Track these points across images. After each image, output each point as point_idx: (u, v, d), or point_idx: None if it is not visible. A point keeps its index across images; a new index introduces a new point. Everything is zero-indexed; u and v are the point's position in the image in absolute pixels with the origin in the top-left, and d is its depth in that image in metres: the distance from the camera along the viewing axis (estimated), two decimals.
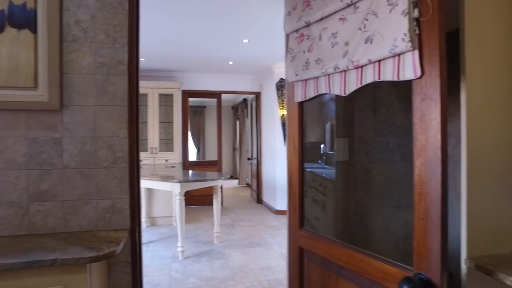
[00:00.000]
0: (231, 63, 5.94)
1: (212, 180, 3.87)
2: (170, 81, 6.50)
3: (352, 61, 1.29)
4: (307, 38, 1.62)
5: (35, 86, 1.61)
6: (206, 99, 10.33)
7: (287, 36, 1.80)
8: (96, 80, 1.68)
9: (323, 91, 1.51)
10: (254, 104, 7.67)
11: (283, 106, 5.95)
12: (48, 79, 1.60)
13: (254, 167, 7.60)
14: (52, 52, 1.62)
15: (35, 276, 1.29)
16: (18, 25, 1.62)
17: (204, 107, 11.47)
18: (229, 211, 6.51)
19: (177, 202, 3.79)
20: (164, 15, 3.80)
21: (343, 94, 1.39)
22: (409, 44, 1.04)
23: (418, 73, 1.05)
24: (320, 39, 1.52)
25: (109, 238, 1.53)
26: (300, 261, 1.70)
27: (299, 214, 1.71)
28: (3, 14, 1.62)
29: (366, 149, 1.91)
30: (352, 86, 1.34)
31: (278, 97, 6.02)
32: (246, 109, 9.87)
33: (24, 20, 1.63)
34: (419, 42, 1.05)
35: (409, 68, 1.07)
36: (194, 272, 3.50)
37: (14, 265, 1.25)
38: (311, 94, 1.60)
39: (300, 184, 1.72)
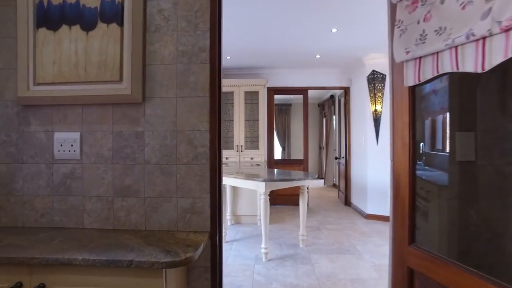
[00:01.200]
0: (318, 56, 5.62)
1: (299, 180, 3.64)
2: (255, 78, 6.46)
3: (499, 22, 0.92)
4: (422, 4, 1.27)
5: (120, 79, 1.57)
6: (292, 96, 10.15)
7: (394, 6, 1.46)
8: (177, 70, 1.58)
9: (447, 69, 1.15)
10: (342, 100, 7.20)
11: (375, 100, 5.41)
12: (131, 72, 1.56)
13: (342, 167, 7.13)
14: (135, 43, 1.57)
15: (112, 275, 1.22)
16: (108, 20, 1.61)
17: (290, 105, 11.30)
18: (315, 212, 6.20)
19: (262, 202, 3.66)
20: (249, 7, 3.68)
21: (480, 70, 1.02)
22: None
23: None
24: (442, 2, 1.17)
25: (188, 241, 1.40)
26: (409, 285, 1.36)
27: (409, 226, 1.37)
28: (96, 11, 1.63)
29: (502, 146, 1.45)
30: (497, 57, 0.96)
31: (370, 91, 5.49)
32: (333, 105, 9.39)
33: (113, 14, 1.61)
34: None
35: None
36: (277, 277, 3.31)
37: (95, 262, 1.20)
38: (428, 74, 1.25)
39: (411, 188, 1.38)
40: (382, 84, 5.39)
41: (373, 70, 5.42)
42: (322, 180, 10.05)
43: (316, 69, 6.64)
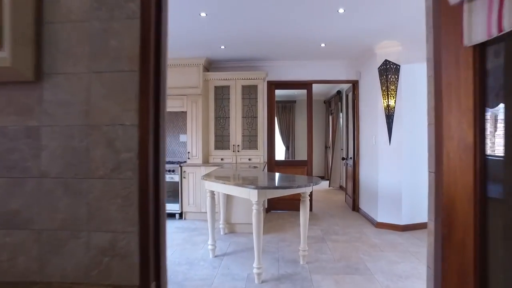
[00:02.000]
0: (323, 45, 5.01)
1: (298, 187, 3.05)
2: (254, 71, 5.88)
3: None
4: None
5: None
6: (295, 91, 9.55)
7: None
8: (91, 31, 1.01)
9: None
10: (350, 95, 6.57)
11: (388, 95, 4.79)
12: (13, 32, 0.98)
13: (350, 169, 6.51)
14: None
15: None
16: None
17: (294, 101, 10.70)
18: (319, 219, 5.61)
19: (254, 213, 3.07)
20: None
21: None
22: None
23: None
24: None
25: None
26: None
27: None
28: None
29: None
30: None
31: (382, 84, 4.87)
32: (340, 102, 8.76)
33: None
34: None
35: None
36: None
37: None
38: None
39: (479, 224, 0.77)
40: (396, 76, 4.76)
41: (386, 60, 4.79)
42: (327, 182, 9.43)
43: (321, 61, 6.03)
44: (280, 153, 10.99)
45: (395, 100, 4.79)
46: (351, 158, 6.43)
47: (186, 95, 5.67)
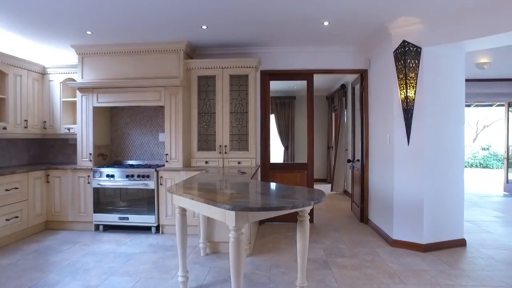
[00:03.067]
0: (326, 23, 4.11)
1: (294, 207, 2.15)
2: (244, 58, 4.98)
3: None
4: None
5: None
6: (294, 85, 8.65)
7: None
8: None
9: None
10: (357, 88, 5.67)
11: (406, 84, 3.89)
12: None
13: (357, 173, 5.62)
14: None
15: None
16: None
17: (293, 97, 9.81)
18: (321, 234, 4.72)
19: (231, 244, 2.18)
20: None
21: None
22: None
23: None
24: None
25: None
26: None
27: None
28: None
29: None
30: None
31: (398, 71, 3.97)
32: (344, 97, 7.87)
33: None
34: None
35: None
36: None
37: None
38: None
39: None
40: (416, 61, 3.86)
41: (404, 42, 3.89)
42: (329, 185, 8.51)
43: (323, 47, 5.13)
44: (278, 154, 10.12)
45: (414, 91, 3.89)
46: (358, 160, 5.53)
47: (164, 86, 4.78)
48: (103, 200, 4.79)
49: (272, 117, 9.90)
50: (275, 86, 8.75)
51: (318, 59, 5.18)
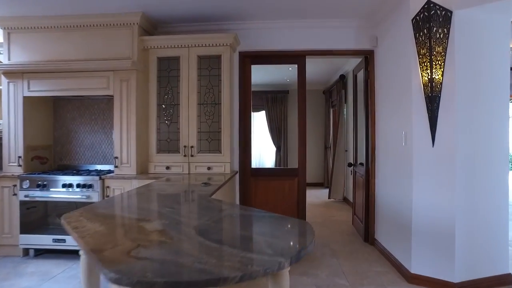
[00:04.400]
0: None
1: (244, 277, 1.08)
2: (216, 33, 3.90)
3: None
4: None
5: None
6: (286, 76, 7.49)
7: None
8: None
9: None
10: (360, 75, 4.60)
11: (430, 62, 2.81)
12: None
13: (360, 179, 4.55)
14: None
15: None
16: None
17: (286, 92, 8.73)
18: (313, 260, 3.65)
19: None
20: None
21: None
22: None
23: None
24: None
25: None
26: None
27: None
28: None
29: None
30: None
31: (420, 44, 2.90)
32: (344, 89, 6.80)
33: None
34: None
35: None
36: None
37: None
38: None
39: None
40: (445, 29, 2.79)
41: (429, 2, 2.80)
42: (327, 191, 7.42)
43: (318, 21, 4.06)
44: (270, 155, 9.05)
45: (442, 72, 2.81)
46: (361, 164, 4.46)
47: (113, 70, 3.71)
48: (34, 217, 3.70)
49: (263, 114, 8.85)
50: (264, 77, 7.69)
51: (312, 37, 4.11)
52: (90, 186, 3.59)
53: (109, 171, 3.97)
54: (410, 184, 3.06)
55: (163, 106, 3.90)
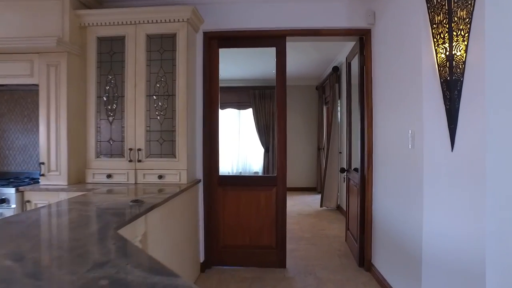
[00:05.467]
0: None
1: None
2: (170, 5, 3.08)
3: None
4: None
5: None
6: (271, 61, 6.62)
7: None
8: None
9: None
10: (355, 62, 3.79)
11: (448, 33, 2.00)
12: None
13: (354, 189, 3.74)
14: None
15: None
16: None
17: (274, 87, 7.90)
18: None
19: None
20: None
21: None
22: None
23: None
24: None
25: None
26: None
27: None
28: None
29: None
30: None
31: (434, 10, 2.09)
32: (338, 83, 6.00)
33: None
34: None
35: None
36: None
37: None
38: None
39: None
40: None
41: None
42: (319, 196, 6.59)
43: None
44: (258, 158, 8.23)
45: (466, 45, 2.00)
46: (356, 170, 3.66)
47: (38, 53, 2.90)
48: None
49: (250, 112, 8.03)
50: (251, 72, 6.90)
51: (294, 13, 3.30)
52: (2, 200, 2.77)
53: (30, 180, 3.16)
54: (418, 200, 2.25)
55: (105, 98, 3.07)
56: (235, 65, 6.06)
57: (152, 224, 2.08)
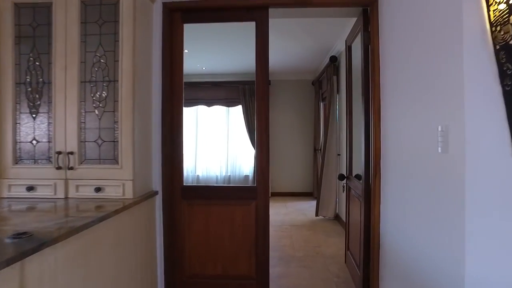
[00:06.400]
0: None
1: None
2: None
3: None
4: None
5: None
6: (245, 38, 5.90)
7: None
8: None
9: None
10: (357, 45, 3.05)
11: None
12: None
13: (356, 202, 3.00)
14: None
15: None
16: None
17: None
18: None
19: None
20: None
21: None
22: None
23: None
24: None
25: None
26: None
27: None
28: None
29: None
30: None
31: None
32: (336, 75, 5.27)
33: None
34: None
35: None
36: None
37: None
38: None
39: None
40: None
41: None
42: (314, 203, 5.84)
43: None
44: (248, 159, 7.49)
45: None
46: (358, 177, 2.92)
47: None
48: None
49: (239, 109, 7.30)
50: (239, 65, 6.17)
51: None
52: None
53: None
54: (457, 229, 1.51)
55: (26, 86, 2.32)
56: (213, 53, 5.29)
57: (38, 277, 1.33)
